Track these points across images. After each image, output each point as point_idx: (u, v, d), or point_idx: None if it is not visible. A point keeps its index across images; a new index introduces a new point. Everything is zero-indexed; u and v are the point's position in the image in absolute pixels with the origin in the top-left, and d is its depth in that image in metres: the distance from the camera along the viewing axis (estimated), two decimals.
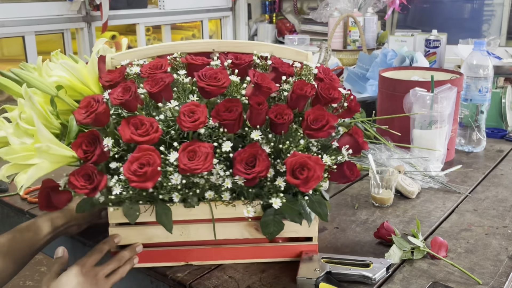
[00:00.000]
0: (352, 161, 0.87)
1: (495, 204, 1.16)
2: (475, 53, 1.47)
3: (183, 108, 0.81)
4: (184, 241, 0.91)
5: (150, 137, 0.78)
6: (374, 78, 1.73)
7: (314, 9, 2.69)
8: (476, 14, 2.94)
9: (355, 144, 0.88)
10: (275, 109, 0.83)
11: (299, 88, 0.85)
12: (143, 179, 0.76)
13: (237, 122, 0.82)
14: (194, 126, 0.79)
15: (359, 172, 0.88)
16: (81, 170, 0.80)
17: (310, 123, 0.83)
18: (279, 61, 0.93)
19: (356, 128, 0.96)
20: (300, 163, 0.80)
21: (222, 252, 0.92)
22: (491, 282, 0.85)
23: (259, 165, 0.80)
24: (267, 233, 0.88)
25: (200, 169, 0.77)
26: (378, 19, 2.20)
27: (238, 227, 0.91)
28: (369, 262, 0.88)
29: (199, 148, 0.79)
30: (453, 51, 1.94)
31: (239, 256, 0.93)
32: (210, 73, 0.84)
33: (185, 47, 0.94)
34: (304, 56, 0.95)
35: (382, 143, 1.36)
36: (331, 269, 0.85)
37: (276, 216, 0.88)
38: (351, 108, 0.92)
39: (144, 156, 0.77)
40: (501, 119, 1.68)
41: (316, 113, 0.84)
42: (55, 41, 2.91)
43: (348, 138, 0.88)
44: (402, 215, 1.11)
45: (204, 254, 0.92)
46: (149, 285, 0.93)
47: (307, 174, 0.80)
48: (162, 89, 0.83)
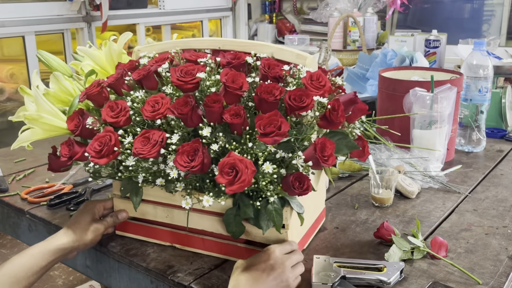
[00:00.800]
0: (305, 175, 0.82)
1: (495, 204, 1.16)
2: (475, 53, 1.47)
3: (150, 98, 0.87)
4: (171, 223, 0.97)
5: (118, 119, 0.87)
6: (374, 78, 1.73)
7: (314, 9, 2.69)
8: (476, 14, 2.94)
9: (314, 158, 0.82)
10: (233, 108, 0.83)
11: (262, 91, 0.83)
12: (98, 156, 0.85)
13: (190, 116, 0.84)
14: (153, 116, 0.85)
15: (310, 187, 0.82)
16: (67, 141, 0.93)
17: (260, 127, 0.80)
18: (273, 62, 0.90)
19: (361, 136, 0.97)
20: (230, 163, 0.78)
21: (203, 242, 0.95)
22: (491, 282, 0.85)
23: (196, 160, 0.81)
24: (230, 232, 0.89)
25: (145, 154, 0.82)
26: (378, 19, 2.20)
27: (211, 221, 0.92)
28: (382, 266, 0.87)
29: (153, 136, 0.84)
30: (453, 51, 1.94)
31: (213, 249, 0.94)
32: (188, 69, 0.88)
33: (195, 44, 1.01)
34: (304, 59, 0.92)
35: (382, 143, 1.36)
36: (346, 274, 0.85)
37: (236, 217, 0.88)
38: (332, 120, 0.85)
39: (105, 136, 0.86)
40: (501, 119, 1.68)
41: (271, 118, 0.81)
42: (55, 41, 2.91)
43: (311, 150, 0.83)
44: (402, 215, 1.11)
45: (187, 240, 0.96)
46: (149, 285, 0.93)
47: (234, 176, 0.78)
48: (142, 78, 0.92)
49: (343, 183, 1.30)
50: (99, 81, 0.95)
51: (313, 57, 0.92)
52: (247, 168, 0.78)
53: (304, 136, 0.86)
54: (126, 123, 0.88)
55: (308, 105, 0.82)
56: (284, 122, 0.80)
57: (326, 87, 0.87)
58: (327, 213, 1.12)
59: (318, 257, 0.89)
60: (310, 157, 0.82)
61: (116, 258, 0.98)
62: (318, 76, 0.88)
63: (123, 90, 0.96)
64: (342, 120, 0.86)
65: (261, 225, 0.85)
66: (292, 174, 0.82)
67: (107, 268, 1.01)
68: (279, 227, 0.84)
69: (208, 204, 0.82)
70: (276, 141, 0.80)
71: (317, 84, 0.87)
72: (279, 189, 0.83)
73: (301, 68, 0.90)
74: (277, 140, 0.79)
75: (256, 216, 0.85)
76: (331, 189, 1.26)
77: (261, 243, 0.90)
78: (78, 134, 0.92)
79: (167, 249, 0.98)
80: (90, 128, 0.91)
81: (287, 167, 0.83)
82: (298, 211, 0.87)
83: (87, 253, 1.05)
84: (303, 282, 0.86)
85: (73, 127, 0.92)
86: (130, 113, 0.89)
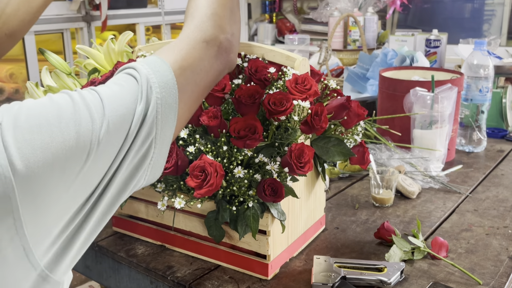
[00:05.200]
0: (279, 181, 0.81)
1: (496, 204, 1.16)
2: (475, 53, 1.47)
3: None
4: (162, 223, 0.98)
5: None
6: (374, 78, 1.72)
7: (314, 9, 2.68)
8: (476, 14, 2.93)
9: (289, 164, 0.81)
10: (211, 110, 0.82)
11: (242, 94, 0.82)
12: None
13: None
14: None
15: (283, 195, 0.80)
16: None
17: (234, 130, 0.79)
18: (261, 64, 0.87)
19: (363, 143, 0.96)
20: (200, 166, 0.78)
21: (189, 244, 0.95)
22: (491, 283, 0.85)
23: (169, 161, 0.81)
24: (211, 235, 0.88)
25: None
26: (378, 19, 2.19)
27: (198, 222, 0.92)
28: (382, 267, 0.87)
29: None
30: (453, 51, 1.94)
31: (199, 251, 0.94)
32: None
33: None
34: (293, 61, 0.88)
35: (383, 143, 1.36)
36: (346, 274, 0.85)
37: (216, 220, 0.87)
38: (313, 125, 0.83)
39: None
40: (501, 119, 1.67)
41: (246, 121, 0.79)
42: (55, 41, 2.91)
43: (287, 156, 0.81)
44: (402, 215, 1.11)
45: (176, 240, 0.96)
46: (148, 285, 0.93)
47: (203, 179, 0.77)
48: None
49: (343, 183, 1.30)
50: (93, 80, 0.96)
51: (303, 59, 0.88)
52: (216, 172, 0.77)
53: (290, 141, 0.84)
54: None
55: (287, 109, 0.80)
56: (259, 127, 0.79)
57: (311, 91, 0.84)
58: (327, 213, 1.11)
59: (318, 258, 0.89)
60: (287, 163, 0.81)
61: (116, 258, 0.97)
62: (304, 79, 0.84)
63: None
64: (325, 126, 0.83)
65: (238, 229, 0.84)
66: (265, 180, 0.81)
67: (106, 268, 1.01)
68: (255, 233, 0.83)
69: (179, 206, 0.82)
70: (249, 146, 0.78)
71: (302, 87, 0.84)
72: (254, 194, 0.82)
73: (288, 71, 0.87)
74: (249, 145, 0.78)
75: (234, 221, 0.85)
76: (331, 189, 1.26)
77: (246, 249, 0.89)
78: None
79: (167, 250, 0.97)
80: None
81: (264, 172, 0.83)
82: (278, 218, 0.85)
83: (87, 254, 1.05)
84: (304, 282, 0.86)
85: None
86: None
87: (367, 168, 0.99)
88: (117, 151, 0.56)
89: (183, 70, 0.64)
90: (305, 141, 0.90)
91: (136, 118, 0.58)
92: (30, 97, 1.02)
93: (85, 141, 0.52)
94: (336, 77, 1.94)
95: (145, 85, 0.59)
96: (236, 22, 0.75)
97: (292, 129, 0.84)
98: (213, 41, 0.70)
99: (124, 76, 0.61)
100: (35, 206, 0.50)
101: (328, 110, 0.90)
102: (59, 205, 0.52)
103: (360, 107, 0.93)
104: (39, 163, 0.49)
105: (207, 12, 0.72)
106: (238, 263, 0.90)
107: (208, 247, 0.93)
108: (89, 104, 0.55)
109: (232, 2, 0.76)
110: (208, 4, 0.73)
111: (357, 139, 0.97)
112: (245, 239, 0.87)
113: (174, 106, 0.62)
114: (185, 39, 0.69)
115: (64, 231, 0.54)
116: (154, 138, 0.60)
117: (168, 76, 0.62)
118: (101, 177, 0.56)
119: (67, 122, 0.52)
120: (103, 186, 0.57)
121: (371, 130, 1.38)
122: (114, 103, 0.56)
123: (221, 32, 0.71)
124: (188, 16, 0.73)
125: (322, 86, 0.97)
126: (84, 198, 0.55)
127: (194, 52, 0.67)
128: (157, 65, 0.62)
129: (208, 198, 0.86)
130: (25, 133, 0.49)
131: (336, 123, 0.94)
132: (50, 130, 0.51)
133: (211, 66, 0.69)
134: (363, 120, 0.95)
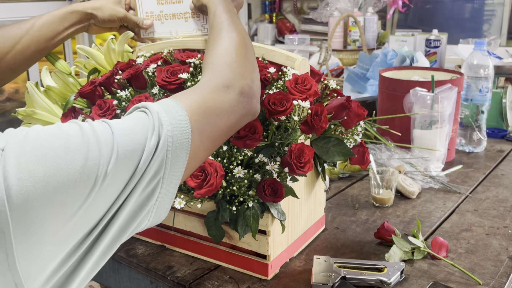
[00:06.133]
0: (279, 181, 0.81)
1: (496, 204, 1.16)
2: (475, 53, 1.47)
3: (134, 97, 0.88)
4: (163, 223, 0.97)
5: (104, 118, 0.86)
6: (374, 78, 1.72)
7: (314, 9, 2.68)
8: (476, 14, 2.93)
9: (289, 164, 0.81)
10: None
11: None
12: None
13: None
14: None
15: (283, 195, 0.81)
16: None
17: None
18: (261, 64, 0.88)
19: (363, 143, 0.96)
20: (200, 166, 0.78)
21: (189, 244, 0.95)
22: (491, 283, 0.85)
23: None
24: (211, 235, 0.88)
25: None
26: (378, 19, 2.19)
27: (198, 222, 0.92)
28: (382, 267, 0.87)
29: None
30: (453, 51, 1.94)
31: (199, 251, 0.94)
32: (175, 69, 0.88)
33: (190, 44, 1.00)
34: (293, 61, 0.89)
35: (383, 143, 1.36)
36: (346, 274, 0.85)
37: (216, 221, 0.87)
38: (313, 125, 0.83)
39: None
40: (501, 119, 1.67)
41: (250, 123, 0.78)
42: None
43: (287, 156, 0.82)
44: (402, 216, 1.11)
45: (176, 241, 0.96)
46: (148, 285, 0.93)
47: (203, 179, 0.77)
48: (131, 77, 0.93)
49: (343, 183, 1.30)
50: (93, 80, 0.96)
51: (303, 59, 0.88)
52: (216, 172, 0.77)
53: (290, 141, 0.84)
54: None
55: (287, 109, 0.80)
56: (259, 126, 0.79)
57: (311, 91, 0.84)
58: (327, 213, 1.12)
59: (318, 258, 0.89)
60: (287, 163, 0.81)
61: (116, 258, 0.97)
62: (304, 79, 0.85)
63: (113, 89, 0.97)
64: (325, 126, 0.84)
65: (238, 230, 0.84)
66: (265, 180, 0.81)
67: (107, 268, 1.01)
68: (255, 233, 0.83)
69: (179, 206, 0.82)
70: (249, 146, 0.79)
71: (302, 87, 0.84)
72: (254, 194, 0.82)
73: (288, 71, 0.87)
74: (249, 145, 0.78)
75: (234, 221, 0.85)
76: (331, 189, 1.26)
77: (246, 249, 0.89)
78: None
79: (167, 250, 0.97)
80: None
81: (264, 172, 0.83)
82: (279, 218, 0.85)
83: None
84: (304, 282, 0.86)
85: None
86: (117, 111, 0.90)
87: (367, 168, 0.99)
88: (123, 187, 0.54)
89: (202, 110, 0.64)
90: (305, 141, 0.90)
91: (146, 154, 0.56)
92: (30, 97, 1.02)
93: (89, 176, 0.50)
94: (336, 77, 1.94)
95: (157, 122, 0.58)
96: (255, 70, 0.76)
97: (292, 129, 0.84)
98: (234, 86, 0.70)
99: (136, 113, 0.60)
100: (30, 240, 0.47)
101: (328, 110, 0.90)
102: (55, 240, 0.50)
103: (360, 107, 0.92)
104: (39, 197, 0.47)
105: (226, 60, 0.73)
106: (238, 263, 0.90)
107: (208, 247, 0.93)
108: (99, 136, 0.53)
109: (248, 51, 0.77)
110: (227, 53, 0.74)
111: (357, 139, 0.97)
112: (245, 239, 0.87)
113: (186, 145, 0.60)
114: (205, 84, 0.69)
115: (61, 267, 0.52)
116: (162, 178, 0.58)
117: (180, 116, 0.60)
118: (103, 214, 0.54)
119: (74, 154, 0.50)
120: (105, 224, 0.54)
121: (371, 130, 1.38)
122: (125, 136, 0.55)
123: (242, 79, 0.71)
124: (207, 64, 0.74)
125: (322, 86, 0.97)
126: (83, 234, 0.52)
127: (214, 95, 0.67)
128: (169, 106, 0.61)
129: (208, 198, 0.86)
130: (29, 163, 0.47)
131: (336, 123, 0.94)
132: (56, 162, 0.49)
133: (232, 109, 0.68)
134: (363, 120, 0.95)
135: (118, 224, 0.55)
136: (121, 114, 0.90)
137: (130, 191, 0.55)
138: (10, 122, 3.13)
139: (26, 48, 0.94)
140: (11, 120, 3.03)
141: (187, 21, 1.01)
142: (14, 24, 0.96)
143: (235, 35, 0.78)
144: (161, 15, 1.04)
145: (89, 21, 1.02)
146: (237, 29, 0.79)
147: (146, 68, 0.93)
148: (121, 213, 0.55)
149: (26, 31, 0.95)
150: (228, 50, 0.75)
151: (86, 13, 1.00)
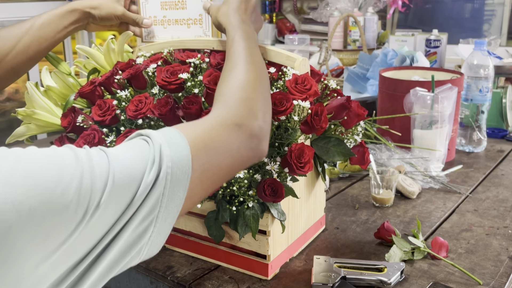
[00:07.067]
0: (279, 181, 0.81)
1: (496, 204, 1.16)
2: (475, 53, 1.47)
3: (135, 97, 0.88)
4: None
5: (105, 118, 0.89)
6: (374, 78, 1.72)
7: (314, 9, 2.68)
8: (476, 14, 2.93)
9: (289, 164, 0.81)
10: (210, 110, 0.82)
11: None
12: None
13: (169, 117, 0.84)
14: (135, 115, 0.86)
15: (283, 195, 0.80)
16: (59, 137, 0.97)
17: None
18: None
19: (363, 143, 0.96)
20: None
21: (190, 244, 0.95)
22: (491, 283, 0.85)
23: None
24: (211, 235, 0.88)
25: None
26: (378, 19, 2.19)
27: (197, 222, 0.92)
28: (382, 267, 0.87)
29: (130, 134, 0.86)
30: (453, 51, 1.94)
31: (199, 251, 0.94)
32: (175, 69, 0.88)
33: (190, 44, 0.99)
34: (293, 61, 0.88)
35: (383, 143, 1.36)
36: (346, 274, 0.85)
37: (216, 221, 0.87)
38: (313, 125, 0.83)
39: (90, 134, 0.88)
40: (501, 119, 1.67)
41: None
42: None
43: (287, 156, 0.81)
44: (402, 216, 1.11)
45: (176, 240, 0.96)
46: (148, 285, 0.93)
47: None
48: (130, 77, 0.93)
49: (343, 183, 1.30)
50: (93, 80, 0.97)
51: (303, 59, 0.88)
52: None
53: (290, 141, 0.84)
54: (112, 122, 0.90)
55: (287, 109, 0.80)
56: None
57: (311, 91, 0.84)
58: (327, 213, 1.11)
59: (318, 258, 0.89)
60: (287, 163, 0.81)
61: None
62: (304, 79, 0.85)
63: (113, 89, 0.97)
64: (325, 126, 0.83)
65: (238, 230, 0.84)
66: (265, 180, 0.81)
67: None
68: (255, 233, 0.83)
69: None
70: None
71: (302, 87, 0.84)
72: (254, 194, 0.82)
73: (288, 71, 0.87)
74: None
75: (234, 221, 0.85)
76: (331, 189, 1.26)
77: (246, 249, 0.89)
78: (70, 131, 0.95)
79: (167, 250, 0.97)
80: (81, 125, 0.93)
81: (264, 172, 0.83)
82: (279, 218, 0.85)
83: None
84: (304, 282, 0.86)
85: (66, 124, 0.94)
86: (117, 112, 0.90)
87: (367, 168, 0.99)
88: (114, 221, 0.51)
89: (207, 148, 0.60)
90: (305, 141, 0.90)
91: (142, 189, 0.52)
92: (30, 97, 1.02)
93: (77, 211, 0.47)
94: (336, 77, 1.94)
95: (157, 156, 0.54)
96: (269, 110, 0.72)
97: (292, 129, 0.84)
98: (246, 126, 0.66)
99: (137, 141, 0.57)
100: (7, 273, 0.44)
101: (328, 110, 0.90)
102: (35, 274, 0.46)
103: (360, 107, 0.92)
104: (21, 228, 0.44)
105: (241, 95, 0.69)
106: (238, 263, 0.90)
107: (208, 247, 0.92)
108: (94, 167, 0.50)
109: (265, 88, 0.74)
110: (242, 87, 0.70)
111: (357, 139, 0.97)
112: (245, 239, 0.87)
113: (185, 184, 0.56)
114: (216, 118, 0.65)
115: None
116: (156, 216, 0.54)
117: (182, 151, 0.57)
118: (90, 249, 0.50)
119: (64, 188, 0.47)
120: (92, 259, 0.51)
121: (371, 130, 1.38)
122: (123, 167, 0.52)
123: (254, 118, 0.67)
124: (220, 95, 0.70)
125: (322, 86, 0.97)
126: (66, 268, 0.49)
127: (223, 133, 0.63)
128: (173, 138, 0.57)
129: (208, 198, 0.86)
130: (18, 193, 0.44)
131: (336, 123, 0.94)
132: (45, 194, 0.45)
133: (238, 151, 0.65)
134: (363, 120, 0.95)
135: (107, 260, 0.52)
136: (121, 114, 0.90)
137: (122, 226, 0.52)
138: (10, 122, 3.12)
139: (27, 48, 0.94)
140: (11, 120, 3.03)
141: (190, 27, 1.01)
142: (15, 25, 0.96)
143: (253, 68, 0.73)
144: (164, 20, 1.04)
145: (88, 20, 1.02)
146: (256, 61, 0.75)
147: (146, 68, 0.93)
148: (111, 249, 0.52)
149: (26, 31, 0.95)
150: (244, 84, 0.70)
151: (84, 11, 1.00)
